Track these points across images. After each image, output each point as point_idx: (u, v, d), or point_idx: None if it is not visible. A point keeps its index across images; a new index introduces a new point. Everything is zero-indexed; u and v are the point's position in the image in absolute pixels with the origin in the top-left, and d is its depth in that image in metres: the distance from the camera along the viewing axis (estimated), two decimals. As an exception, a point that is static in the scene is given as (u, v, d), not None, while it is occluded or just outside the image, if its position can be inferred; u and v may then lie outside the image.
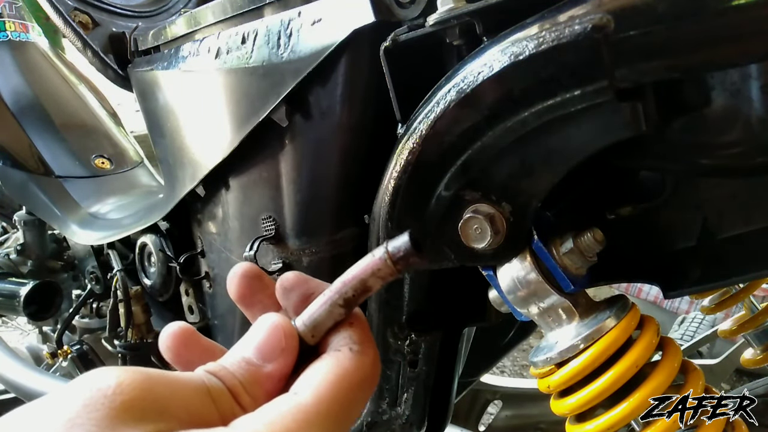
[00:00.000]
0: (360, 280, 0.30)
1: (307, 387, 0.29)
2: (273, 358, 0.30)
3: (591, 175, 0.48)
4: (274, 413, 0.27)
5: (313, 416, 0.28)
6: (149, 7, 0.90)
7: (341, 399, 0.29)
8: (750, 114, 0.36)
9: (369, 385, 0.31)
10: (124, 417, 0.25)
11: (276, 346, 0.31)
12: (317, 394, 0.28)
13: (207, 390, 0.28)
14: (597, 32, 0.32)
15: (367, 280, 0.30)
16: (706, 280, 0.46)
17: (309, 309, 0.32)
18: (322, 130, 0.55)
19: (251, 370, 0.30)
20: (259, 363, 0.30)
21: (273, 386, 0.30)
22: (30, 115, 1.27)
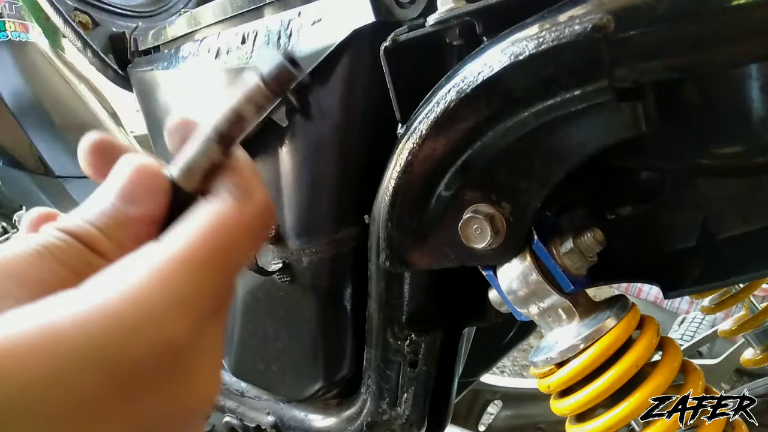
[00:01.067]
0: (233, 110, 0.27)
1: (175, 235, 0.25)
2: (138, 200, 0.27)
3: (591, 175, 0.48)
4: (136, 264, 0.24)
5: (178, 267, 0.24)
6: (149, 7, 0.90)
7: (215, 248, 0.25)
8: (750, 114, 0.36)
9: (252, 232, 0.27)
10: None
11: (141, 186, 0.27)
12: (187, 242, 0.25)
13: (44, 249, 0.24)
14: (597, 32, 0.32)
15: (240, 108, 0.27)
16: (706, 280, 0.46)
17: (182, 150, 0.28)
18: (322, 130, 0.55)
19: (112, 214, 0.26)
20: (124, 208, 0.26)
21: (142, 233, 0.27)
22: (30, 115, 1.27)
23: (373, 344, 0.57)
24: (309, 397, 0.70)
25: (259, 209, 0.28)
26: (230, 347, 0.77)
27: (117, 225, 0.26)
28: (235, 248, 0.27)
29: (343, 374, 0.67)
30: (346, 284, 0.63)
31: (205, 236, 0.25)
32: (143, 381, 0.23)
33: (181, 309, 0.24)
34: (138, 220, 0.27)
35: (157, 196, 0.27)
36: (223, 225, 0.26)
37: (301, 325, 0.66)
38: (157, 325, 0.23)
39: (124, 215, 0.27)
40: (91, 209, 0.27)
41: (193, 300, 0.25)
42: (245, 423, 0.78)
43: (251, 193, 0.28)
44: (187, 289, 0.24)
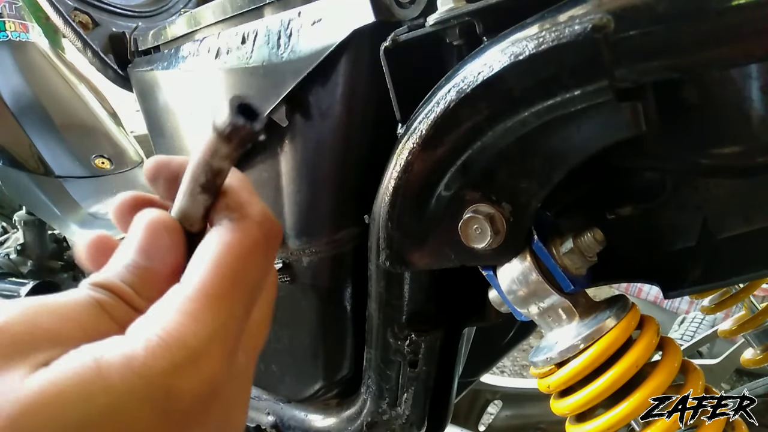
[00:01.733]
0: (206, 164, 0.28)
1: (192, 273, 0.27)
2: (159, 256, 0.28)
3: (591, 175, 0.48)
4: (165, 308, 0.26)
5: (202, 304, 0.26)
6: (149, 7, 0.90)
7: (229, 273, 0.27)
8: (750, 114, 0.36)
9: (258, 248, 0.29)
10: (12, 353, 0.23)
11: (159, 242, 0.28)
12: (203, 276, 0.27)
13: (97, 303, 0.26)
14: (597, 32, 0.32)
15: (213, 163, 0.28)
16: (706, 280, 0.46)
17: (175, 202, 0.29)
18: (322, 130, 0.55)
19: (139, 272, 0.28)
20: (145, 264, 0.28)
21: (167, 284, 0.28)
22: (30, 115, 1.27)
23: (373, 344, 0.57)
24: (309, 397, 0.70)
25: (257, 223, 0.29)
26: (230, 347, 0.77)
27: (145, 282, 0.28)
28: (247, 269, 0.28)
29: (343, 374, 0.67)
30: (346, 284, 0.63)
31: (215, 268, 0.27)
32: (184, 417, 0.25)
33: (213, 344, 0.26)
34: (162, 274, 0.28)
35: (175, 248, 0.29)
36: (228, 252, 0.28)
37: (301, 325, 0.66)
38: (194, 364, 0.25)
39: (150, 272, 0.28)
40: (121, 268, 0.28)
41: (221, 331, 0.27)
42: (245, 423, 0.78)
43: (247, 211, 0.29)
44: (215, 322, 0.26)
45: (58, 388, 0.22)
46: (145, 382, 0.24)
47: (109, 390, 0.23)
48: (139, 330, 0.25)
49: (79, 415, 0.22)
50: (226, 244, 0.28)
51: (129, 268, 0.28)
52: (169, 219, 0.29)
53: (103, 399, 0.23)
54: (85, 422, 0.22)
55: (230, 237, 0.28)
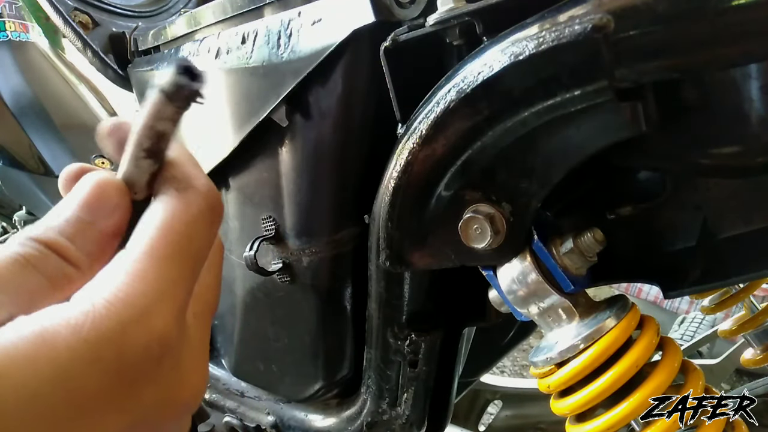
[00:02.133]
0: (150, 128, 0.28)
1: (137, 239, 0.27)
2: (103, 213, 0.28)
3: (591, 175, 0.48)
4: (110, 271, 0.26)
5: (148, 265, 0.26)
6: (149, 7, 0.90)
7: (174, 240, 0.27)
8: (750, 114, 0.36)
9: (202, 216, 0.29)
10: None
11: (105, 199, 0.28)
12: (150, 240, 0.27)
13: (22, 259, 0.26)
14: (597, 32, 0.32)
15: (157, 126, 0.28)
16: (706, 280, 0.46)
17: (120, 167, 0.30)
18: (322, 130, 0.55)
19: (79, 226, 0.28)
20: (87, 218, 0.28)
21: (108, 244, 0.28)
22: (30, 115, 1.27)
23: (373, 344, 0.57)
24: (309, 397, 0.70)
25: (202, 194, 0.30)
26: (230, 347, 0.77)
27: (84, 237, 0.28)
28: (192, 235, 0.28)
29: (343, 374, 0.67)
30: (346, 284, 0.63)
31: (161, 232, 0.27)
32: (136, 375, 0.25)
33: (162, 302, 0.26)
34: (105, 233, 0.28)
35: (121, 210, 0.29)
36: (174, 218, 0.28)
37: (302, 325, 0.66)
38: (143, 321, 0.25)
39: (91, 229, 0.28)
40: (58, 221, 0.28)
41: (169, 291, 0.27)
42: (245, 423, 0.78)
43: (191, 182, 0.30)
44: (162, 282, 0.26)
45: (1, 364, 0.22)
46: (91, 345, 0.24)
47: (56, 359, 0.23)
48: (85, 294, 0.25)
49: (27, 391, 0.22)
50: (173, 211, 0.28)
51: (69, 221, 0.28)
52: (118, 180, 0.29)
53: (49, 370, 0.22)
54: (33, 396, 0.22)
55: (177, 205, 0.28)
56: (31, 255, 0.26)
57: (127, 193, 0.29)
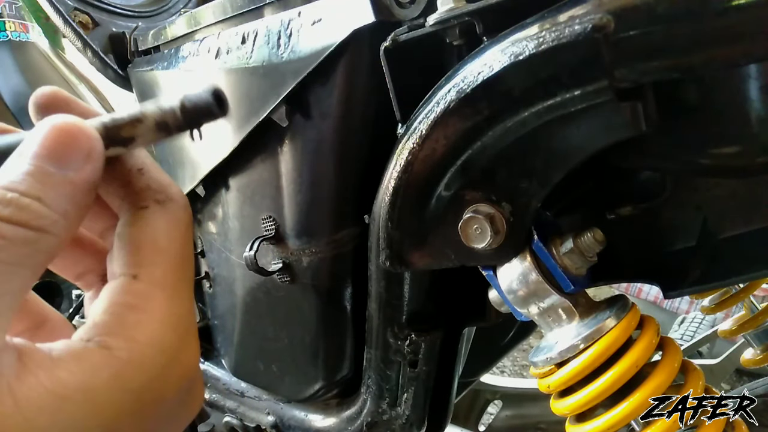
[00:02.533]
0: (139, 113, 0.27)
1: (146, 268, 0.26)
2: (77, 165, 0.24)
3: (591, 175, 0.48)
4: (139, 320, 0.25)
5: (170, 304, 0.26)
6: (149, 7, 0.90)
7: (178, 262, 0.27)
8: (750, 114, 0.36)
9: (190, 226, 0.29)
10: None
11: (78, 148, 0.24)
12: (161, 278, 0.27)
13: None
14: (597, 32, 0.32)
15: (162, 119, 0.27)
16: (706, 280, 0.46)
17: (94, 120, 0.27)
18: (322, 130, 0.55)
19: (47, 180, 0.23)
20: (56, 170, 0.24)
21: (81, 197, 0.24)
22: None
23: (373, 344, 0.57)
24: (309, 397, 0.70)
25: (182, 205, 0.30)
26: (230, 347, 0.77)
27: (57, 192, 0.23)
28: (186, 251, 0.29)
29: (343, 374, 0.67)
30: (346, 284, 0.63)
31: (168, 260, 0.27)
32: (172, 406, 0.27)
33: (188, 335, 0.27)
34: (78, 186, 0.24)
35: (96, 161, 0.25)
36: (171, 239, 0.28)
37: (302, 325, 0.66)
38: (178, 362, 0.26)
39: (62, 181, 0.24)
40: (18, 175, 0.23)
41: (189, 321, 0.28)
42: (245, 423, 0.78)
43: (168, 191, 0.29)
44: (184, 317, 0.27)
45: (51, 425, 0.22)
46: (135, 395, 0.24)
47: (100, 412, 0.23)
48: (120, 339, 0.25)
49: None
50: (167, 229, 0.28)
51: (33, 174, 0.23)
52: (93, 129, 0.25)
53: (94, 422, 0.23)
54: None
55: (168, 220, 0.28)
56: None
57: (101, 141, 0.25)
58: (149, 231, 0.27)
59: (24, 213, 0.22)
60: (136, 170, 0.28)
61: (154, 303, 0.26)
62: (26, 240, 0.22)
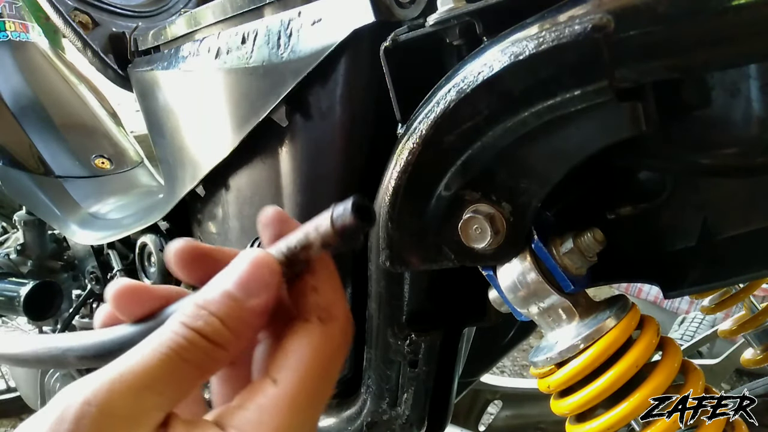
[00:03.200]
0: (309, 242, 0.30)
1: (285, 373, 0.29)
2: (257, 294, 0.29)
3: (591, 175, 0.48)
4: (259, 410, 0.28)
5: (296, 404, 0.28)
6: (149, 7, 0.90)
7: (317, 377, 0.29)
8: (750, 114, 0.36)
9: (342, 351, 0.31)
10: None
11: (261, 280, 0.29)
12: (297, 380, 0.29)
13: (176, 355, 0.27)
14: (597, 32, 0.32)
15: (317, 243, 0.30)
16: (706, 280, 0.46)
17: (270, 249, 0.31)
18: (322, 130, 0.55)
19: (233, 305, 0.29)
20: (242, 298, 0.29)
21: (255, 321, 0.30)
22: (30, 115, 1.27)
23: (373, 344, 0.57)
24: (309, 397, 0.70)
25: (342, 328, 0.31)
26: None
27: (237, 317, 0.29)
28: (331, 371, 0.31)
29: (343, 374, 0.67)
30: (346, 284, 0.63)
31: (309, 370, 0.29)
32: None
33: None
34: (254, 312, 0.29)
35: (272, 289, 0.30)
36: (319, 354, 0.30)
37: (301, 325, 0.65)
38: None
39: (243, 308, 0.29)
40: (213, 300, 0.29)
41: None
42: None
43: (335, 312, 0.31)
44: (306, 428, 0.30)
45: None
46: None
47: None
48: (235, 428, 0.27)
49: None
50: (318, 345, 0.30)
51: (227, 302, 0.29)
52: (275, 261, 0.30)
53: None
54: None
55: (322, 339, 0.30)
56: (179, 346, 0.27)
57: (280, 273, 0.30)
58: (302, 343, 0.30)
59: (209, 328, 0.28)
60: (310, 287, 0.31)
61: (280, 411, 0.28)
62: (205, 349, 0.28)
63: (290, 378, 0.29)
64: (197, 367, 0.28)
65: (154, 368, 0.27)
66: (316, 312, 0.31)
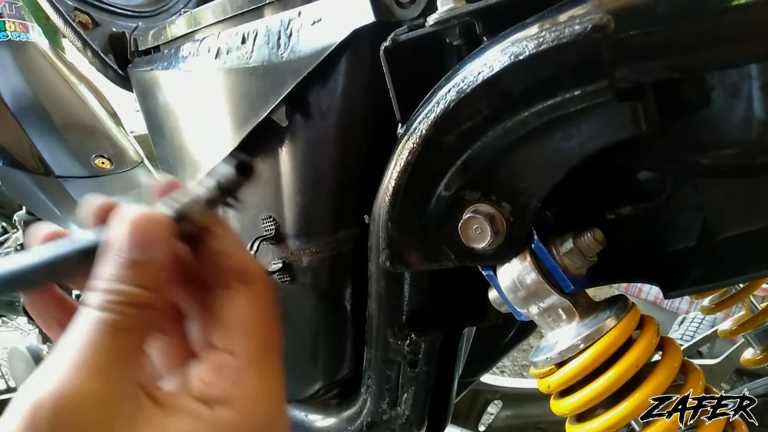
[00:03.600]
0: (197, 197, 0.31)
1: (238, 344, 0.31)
2: (154, 249, 0.30)
3: (591, 175, 0.48)
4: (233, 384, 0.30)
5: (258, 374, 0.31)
6: (149, 7, 0.90)
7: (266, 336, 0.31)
8: (750, 114, 0.36)
9: (272, 304, 0.33)
10: None
11: (154, 236, 0.30)
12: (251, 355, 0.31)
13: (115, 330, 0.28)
14: (597, 32, 0.32)
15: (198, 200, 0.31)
16: (706, 280, 0.46)
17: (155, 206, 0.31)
18: (322, 130, 0.55)
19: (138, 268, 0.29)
20: (141, 257, 0.29)
21: (164, 275, 0.30)
22: (30, 115, 1.27)
23: (373, 344, 0.57)
24: (309, 397, 0.70)
25: (264, 284, 0.33)
26: (230, 347, 0.77)
27: (148, 276, 0.29)
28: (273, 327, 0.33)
29: (343, 374, 0.67)
30: (346, 284, 0.63)
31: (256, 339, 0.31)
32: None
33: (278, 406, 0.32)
34: (160, 266, 0.30)
35: (167, 241, 0.30)
36: (258, 320, 0.31)
37: (301, 325, 0.66)
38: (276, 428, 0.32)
39: (147, 266, 0.29)
40: (113, 270, 0.29)
41: (276, 390, 0.32)
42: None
43: (252, 272, 0.32)
44: (272, 389, 0.32)
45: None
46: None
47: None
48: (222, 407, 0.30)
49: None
50: (253, 309, 0.32)
51: (127, 266, 0.29)
52: (159, 214, 0.31)
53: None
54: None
55: (252, 301, 0.32)
56: (116, 320, 0.28)
57: (171, 225, 0.30)
58: (237, 309, 0.31)
59: (127, 297, 0.28)
60: (219, 253, 0.32)
61: (250, 380, 0.30)
62: (131, 315, 0.28)
63: (244, 346, 0.30)
64: (133, 332, 0.28)
65: (98, 348, 0.27)
66: (235, 276, 0.32)
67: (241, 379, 0.30)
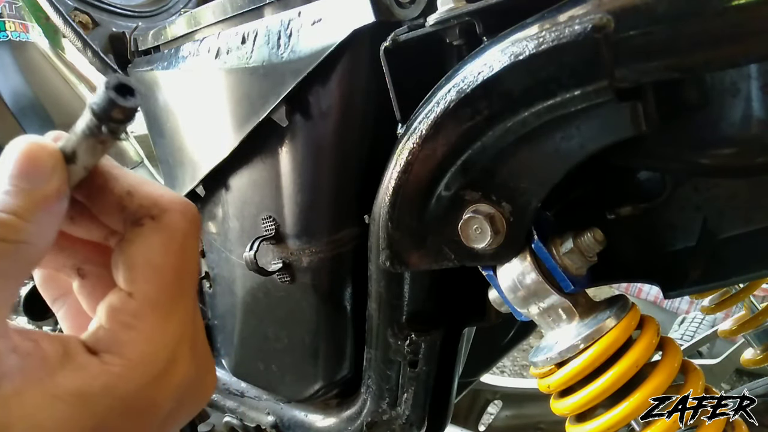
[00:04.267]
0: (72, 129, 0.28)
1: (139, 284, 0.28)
2: (42, 179, 0.27)
3: (591, 175, 0.48)
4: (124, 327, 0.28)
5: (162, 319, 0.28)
6: (149, 7, 0.90)
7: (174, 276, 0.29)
8: (750, 114, 0.36)
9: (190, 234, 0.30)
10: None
11: (41, 165, 0.27)
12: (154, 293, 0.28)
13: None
14: (597, 32, 0.32)
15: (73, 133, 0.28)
16: (706, 280, 0.46)
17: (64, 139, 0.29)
18: (322, 130, 0.55)
19: (21, 195, 0.26)
20: (27, 186, 0.27)
21: (54, 205, 0.27)
22: (30, 115, 1.27)
23: (373, 344, 0.57)
24: (309, 397, 0.70)
25: (181, 213, 0.30)
26: (230, 347, 0.77)
27: (29, 206, 0.26)
28: (186, 263, 0.29)
29: (343, 374, 0.67)
30: (346, 284, 0.63)
31: (160, 277, 0.28)
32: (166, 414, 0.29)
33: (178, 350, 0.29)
34: (49, 198, 0.27)
35: (57, 171, 0.27)
36: (167, 253, 0.29)
37: (302, 325, 0.66)
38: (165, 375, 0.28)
39: (31, 195, 0.27)
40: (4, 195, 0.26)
41: (181, 335, 0.29)
42: (245, 423, 0.78)
43: (164, 204, 0.29)
44: (175, 330, 0.29)
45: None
46: (125, 403, 0.27)
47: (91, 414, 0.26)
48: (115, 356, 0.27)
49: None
50: (161, 245, 0.29)
51: (10, 194, 0.26)
52: (47, 143, 0.28)
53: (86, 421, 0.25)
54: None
55: (162, 236, 0.29)
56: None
57: (59, 155, 0.28)
58: (144, 249, 0.29)
59: (1, 229, 0.25)
60: (125, 194, 0.29)
61: (146, 323, 0.28)
62: (6, 253, 0.25)
63: (144, 286, 0.28)
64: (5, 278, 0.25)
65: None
66: (145, 212, 0.29)
67: (135, 323, 0.27)
